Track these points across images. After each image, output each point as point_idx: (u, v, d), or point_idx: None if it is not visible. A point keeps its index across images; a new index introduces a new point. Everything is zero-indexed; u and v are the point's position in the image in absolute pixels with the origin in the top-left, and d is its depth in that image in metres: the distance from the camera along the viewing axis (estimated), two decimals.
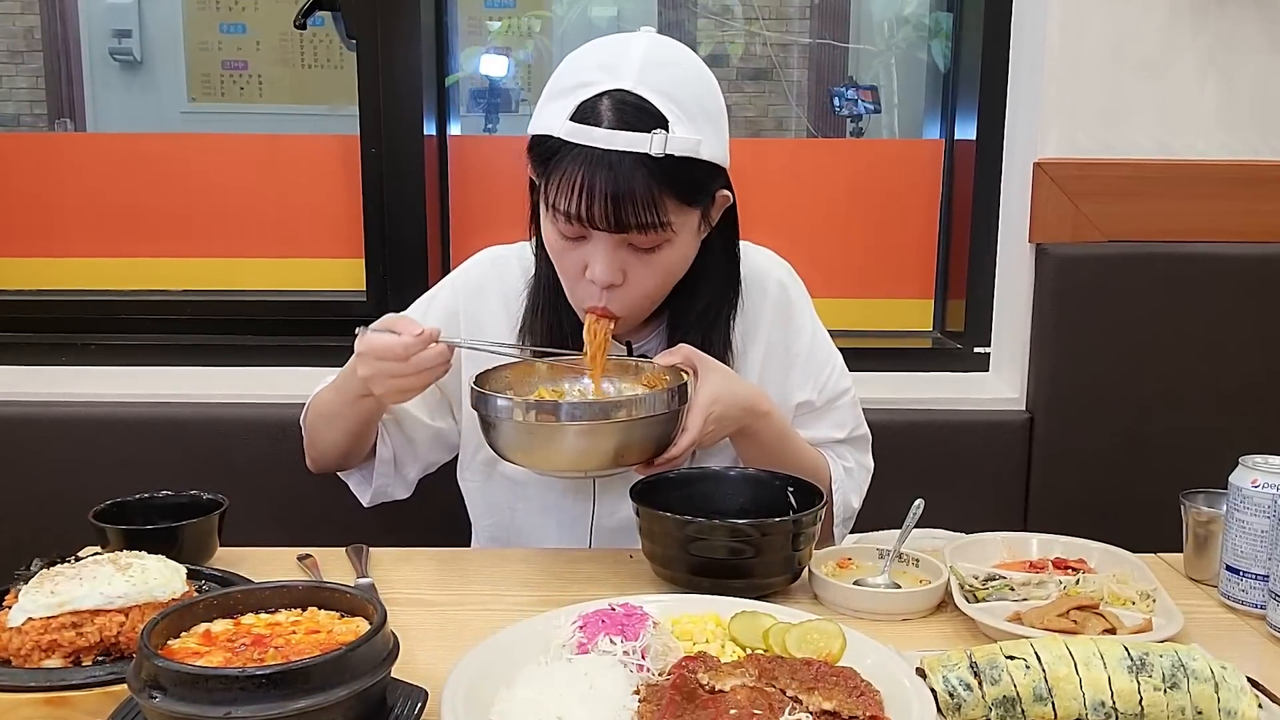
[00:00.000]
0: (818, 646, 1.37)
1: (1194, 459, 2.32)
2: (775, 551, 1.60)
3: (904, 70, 3.45)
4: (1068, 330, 2.62)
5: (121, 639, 1.36)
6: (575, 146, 1.67)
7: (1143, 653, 1.29)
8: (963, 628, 1.57)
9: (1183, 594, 1.68)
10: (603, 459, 1.67)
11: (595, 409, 1.64)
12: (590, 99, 1.68)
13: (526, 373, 1.86)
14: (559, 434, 1.64)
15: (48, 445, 2.57)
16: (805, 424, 2.03)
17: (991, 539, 1.81)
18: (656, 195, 1.67)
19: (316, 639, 1.24)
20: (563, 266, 1.81)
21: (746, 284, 1.98)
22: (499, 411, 1.66)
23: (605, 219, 1.67)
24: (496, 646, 1.37)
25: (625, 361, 1.86)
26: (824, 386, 2.03)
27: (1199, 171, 2.60)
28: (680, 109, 1.69)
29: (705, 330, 1.90)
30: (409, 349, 1.70)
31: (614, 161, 1.65)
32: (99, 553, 1.57)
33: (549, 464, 1.75)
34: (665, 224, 1.70)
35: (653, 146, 1.65)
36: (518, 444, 1.69)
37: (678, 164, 1.68)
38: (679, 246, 1.78)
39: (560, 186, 1.68)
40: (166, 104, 5.17)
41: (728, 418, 1.79)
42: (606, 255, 1.73)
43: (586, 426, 1.63)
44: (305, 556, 1.80)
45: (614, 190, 1.65)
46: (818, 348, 2.04)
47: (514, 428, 1.66)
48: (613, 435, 1.64)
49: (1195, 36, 2.56)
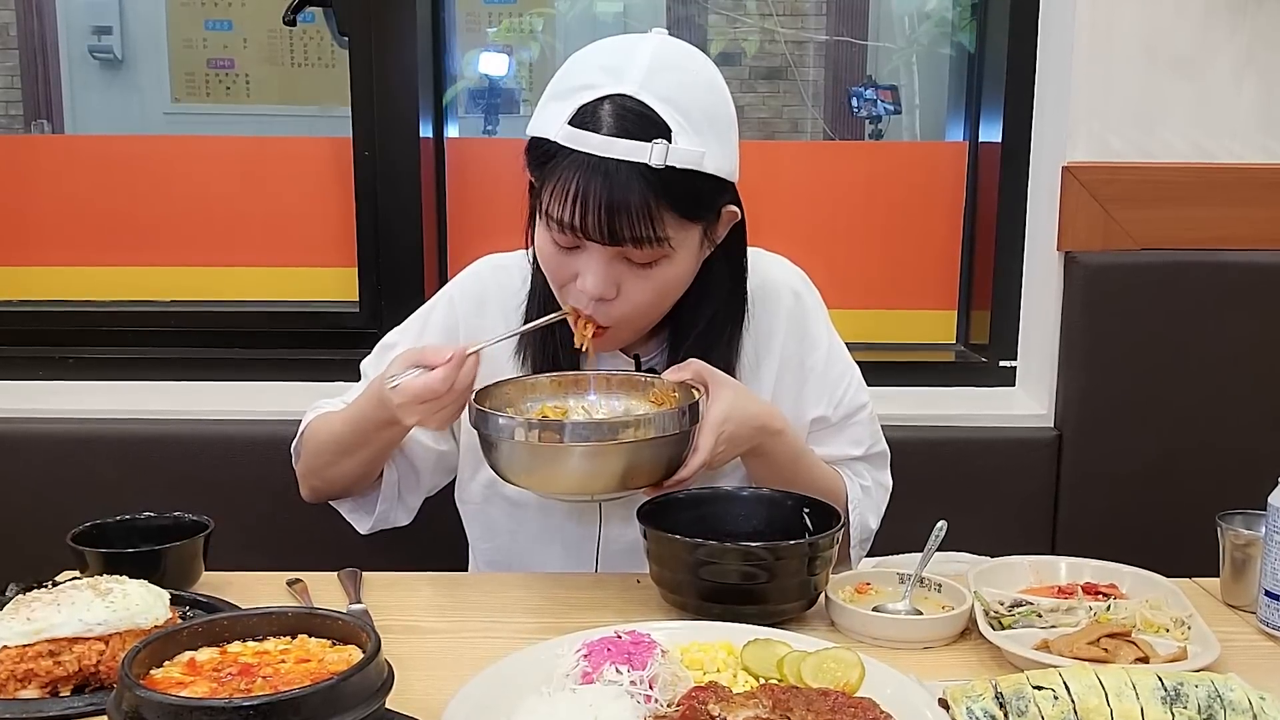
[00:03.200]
0: (835, 676, 1.38)
1: (1231, 478, 2.31)
2: (790, 576, 1.61)
3: (926, 69, 3.45)
4: (1098, 343, 2.62)
5: (101, 668, 1.37)
6: (572, 152, 1.67)
7: (1177, 683, 1.29)
8: (988, 656, 1.57)
9: (1219, 620, 1.68)
10: (609, 481, 1.67)
11: (603, 428, 1.64)
12: (591, 103, 1.69)
13: (528, 388, 1.85)
14: (563, 455, 1.63)
15: (24, 464, 2.57)
16: (821, 440, 2.03)
17: (1018, 563, 1.81)
18: (654, 208, 1.67)
19: (307, 668, 1.24)
20: (552, 271, 1.82)
21: (759, 295, 1.98)
22: (500, 431, 1.66)
23: (599, 230, 1.67)
24: (497, 676, 1.37)
25: (633, 377, 1.86)
26: (840, 402, 2.02)
27: (1236, 176, 2.60)
28: (685, 118, 1.69)
29: (706, 348, 1.89)
30: (449, 379, 1.69)
31: (610, 170, 1.65)
32: (78, 577, 1.58)
33: (553, 486, 1.73)
34: (662, 239, 1.70)
35: (652, 157, 1.65)
36: (520, 465, 1.69)
37: (679, 176, 1.67)
38: (677, 264, 1.77)
39: (555, 193, 1.69)
40: (149, 104, 5.18)
41: (740, 436, 1.79)
42: (600, 268, 1.73)
43: (593, 448, 1.62)
44: (295, 581, 1.80)
45: (609, 200, 1.65)
46: (834, 361, 2.04)
47: (516, 448, 1.66)
48: (620, 456, 1.64)
49: (1233, 33, 2.56)
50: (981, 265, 2.93)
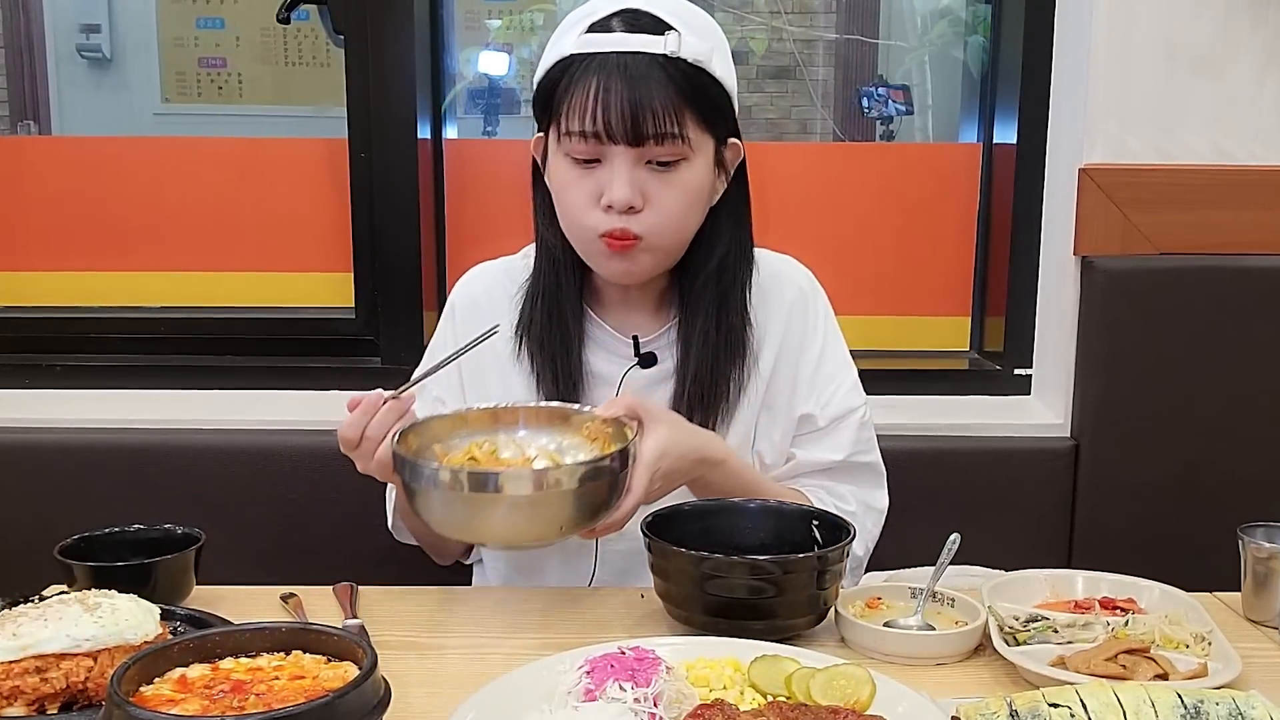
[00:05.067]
0: (845, 693, 1.38)
1: (1253, 490, 2.33)
2: (799, 590, 1.61)
3: (938, 68, 3.46)
4: (1116, 351, 2.62)
5: (89, 685, 1.37)
6: (588, 58, 1.77)
7: (1197, 700, 1.29)
8: (1002, 673, 1.57)
9: (1240, 636, 1.68)
10: (544, 530, 1.64)
11: (533, 477, 1.59)
12: (600, 19, 1.81)
13: (457, 424, 1.81)
14: (491, 506, 1.59)
15: (9, 475, 2.58)
16: (804, 444, 2.03)
17: (1033, 577, 1.81)
18: (675, 101, 1.76)
19: (301, 685, 1.25)
20: (573, 201, 1.84)
21: (763, 283, 2.01)
22: (421, 480, 1.61)
23: (622, 127, 1.75)
24: (496, 694, 1.37)
25: (565, 409, 1.83)
26: (828, 402, 2.03)
27: (1259, 178, 2.60)
28: (688, 26, 1.81)
29: (721, 296, 1.93)
30: (356, 426, 1.72)
31: (629, 63, 1.75)
32: (65, 591, 1.58)
33: (481, 537, 1.71)
34: (684, 137, 1.78)
35: (667, 45, 1.76)
36: (445, 516, 1.64)
37: (693, 73, 1.78)
38: (697, 170, 1.83)
39: (574, 104, 1.77)
40: (138, 105, 5.19)
41: (677, 471, 1.78)
42: (625, 172, 1.79)
43: (525, 498, 1.58)
44: (289, 596, 1.80)
45: (630, 96, 1.75)
46: (827, 360, 2.05)
47: (440, 498, 1.61)
48: (552, 505, 1.60)
49: (1255, 30, 2.57)
50: (996, 270, 2.93)
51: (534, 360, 1.95)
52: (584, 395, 1.94)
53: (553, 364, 1.93)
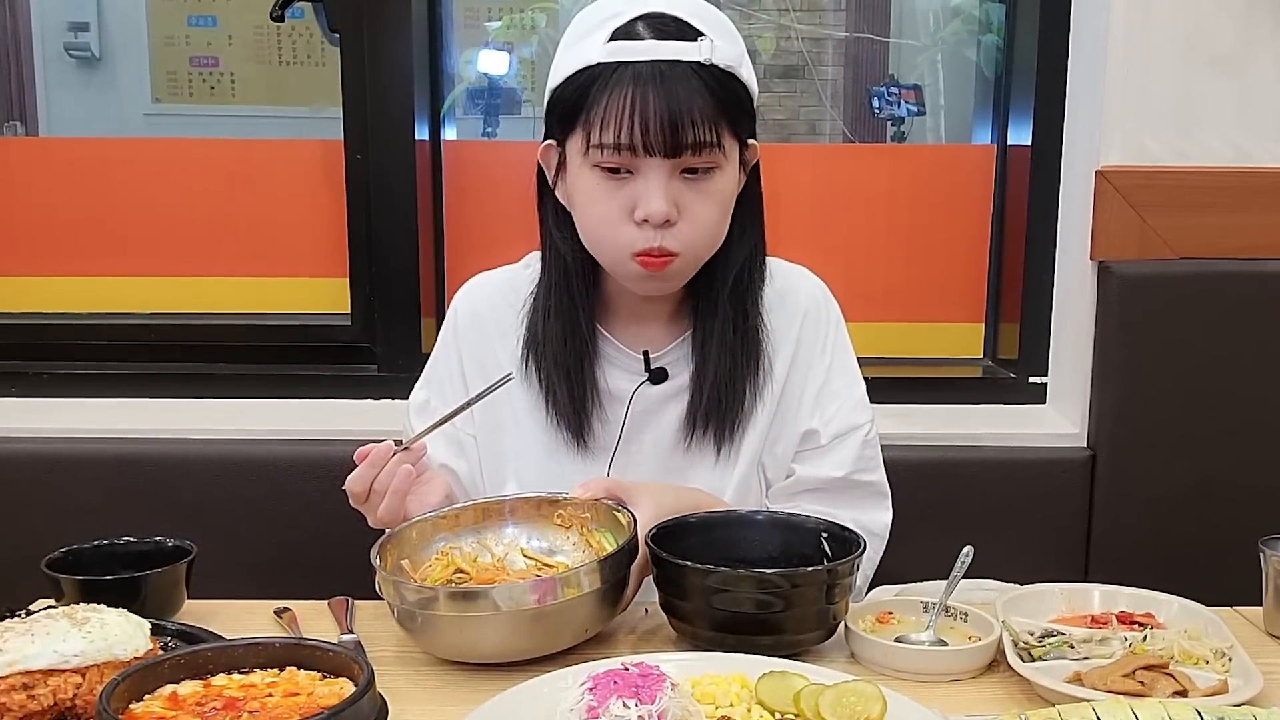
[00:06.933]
0: (855, 710, 1.38)
1: (1275, 501, 2.32)
2: (808, 605, 1.61)
3: (951, 68, 3.46)
4: (1133, 358, 2.62)
5: (78, 702, 1.37)
6: (617, 67, 1.74)
7: (1218, 717, 1.29)
8: (1016, 689, 1.57)
9: (1262, 652, 1.69)
10: (546, 641, 1.61)
11: (526, 590, 1.56)
12: (625, 23, 1.78)
13: (437, 526, 1.79)
14: (485, 625, 1.56)
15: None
16: (806, 459, 2.03)
17: (1048, 590, 1.81)
18: (712, 110, 1.75)
19: (295, 702, 1.25)
20: (603, 215, 1.82)
21: (777, 292, 2.01)
22: (404, 600, 1.59)
23: (660, 138, 1.73)
24: (497, 711, 1.37)
25: (551, 497, 1.82)
26: (833, 418, 2.02)
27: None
28: (717, 32, 1.79)
29: (739, 299, 1.93)
30: (364, 480, 1.75)
31: (664, 72, 1.73)
32: (53, 606, 1.58)
33: (474, 655, 1.62)
34: (720, 145, 1.77)
35: (700, 53, 1.74)
36: (434, 637, 1.62)
37: (725, 79, 1.77)
38: (728, 177, 1.84)
39: (606, 114, 1.74)
40: (128, 105, 5.19)
41: None
42: (660, 185, 1.77)
43: (522, 614, 1.55)
44: (283, 610, 1.81)
45: (669, 106, 1.72)
46: (835, 375, 2.04)
47: (426, 620, 1.58)
48: (554, 617, 1.58)
49: (1276, 29, 2.57)
50: (1010, 275, 2.94)
51: (543, 378, 1.94)
52: (594, 413, 1.94)
53: (567, 380, 1.92)
